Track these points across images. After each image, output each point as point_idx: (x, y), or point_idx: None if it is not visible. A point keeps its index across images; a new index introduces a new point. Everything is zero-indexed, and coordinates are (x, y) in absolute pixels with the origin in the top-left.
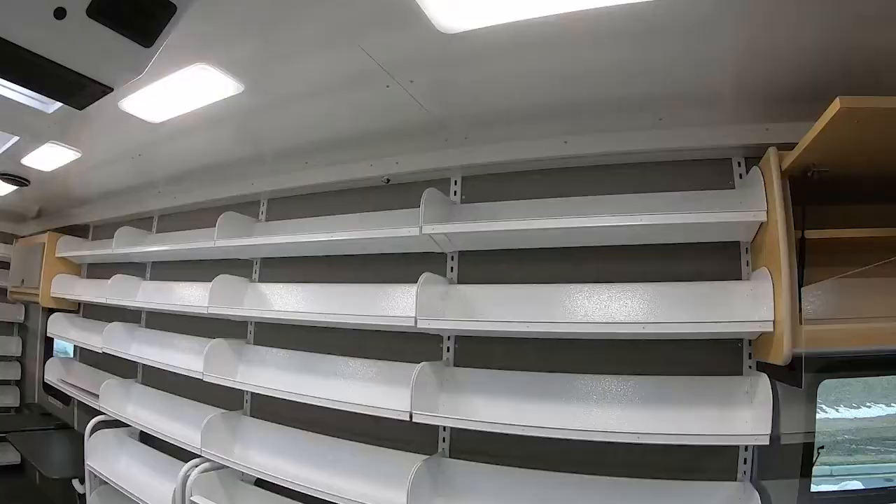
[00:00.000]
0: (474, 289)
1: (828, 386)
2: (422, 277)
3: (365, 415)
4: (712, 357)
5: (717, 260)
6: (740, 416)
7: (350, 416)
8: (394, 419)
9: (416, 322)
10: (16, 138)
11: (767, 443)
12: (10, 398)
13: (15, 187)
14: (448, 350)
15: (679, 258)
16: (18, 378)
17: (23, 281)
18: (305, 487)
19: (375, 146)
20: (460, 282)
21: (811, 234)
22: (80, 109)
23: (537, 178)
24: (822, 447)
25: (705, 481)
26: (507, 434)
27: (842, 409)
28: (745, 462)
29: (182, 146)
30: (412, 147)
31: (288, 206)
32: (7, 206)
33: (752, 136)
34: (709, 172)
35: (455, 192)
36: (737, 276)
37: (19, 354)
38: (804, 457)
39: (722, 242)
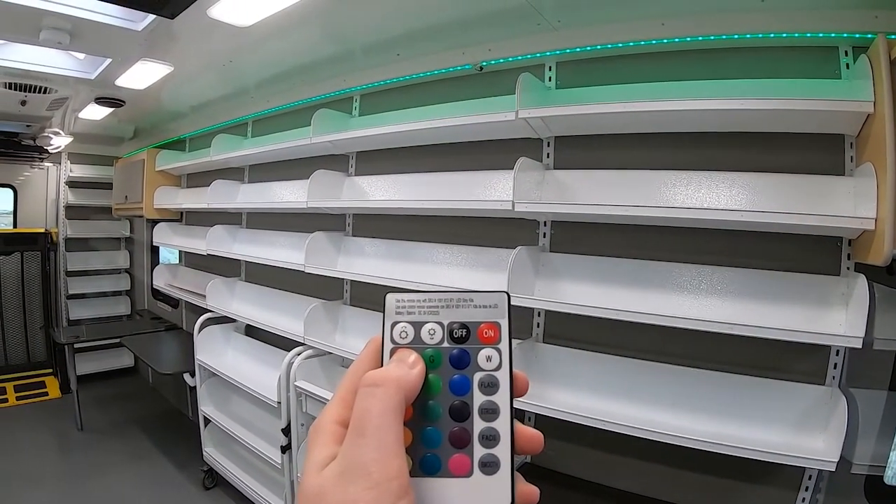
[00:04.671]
0: (570, 174)
1: None
2: (519, 161)
3: None
4: (809, 254)
5: (820, 153)
6: (835, 317)
7: None
8: None
9: (513, 206)
10: (108, 60)
11: (860, 346)
12: (122, 307)
13: (111, 109)
14: (544, 236)
15: (779, 149)
16: (129, 288)
17: (126, 197)
18: None
19: (467, 34)
20: (556, 167)
21: None
22: (171, 18)
23: (633, 63)
24: None
25: (793, 382)
26: (599, 319)
27: None
28: (834, 367)
29: (271, 49)
30: (504, 33)
31: (380, 99)
32: (104, 129)
33: (860, 22)
34: (814, 61)
35: (550, 78)
36: (840, 171)
37: (128, 266)
38: (895, 369)
39: (825, 134)
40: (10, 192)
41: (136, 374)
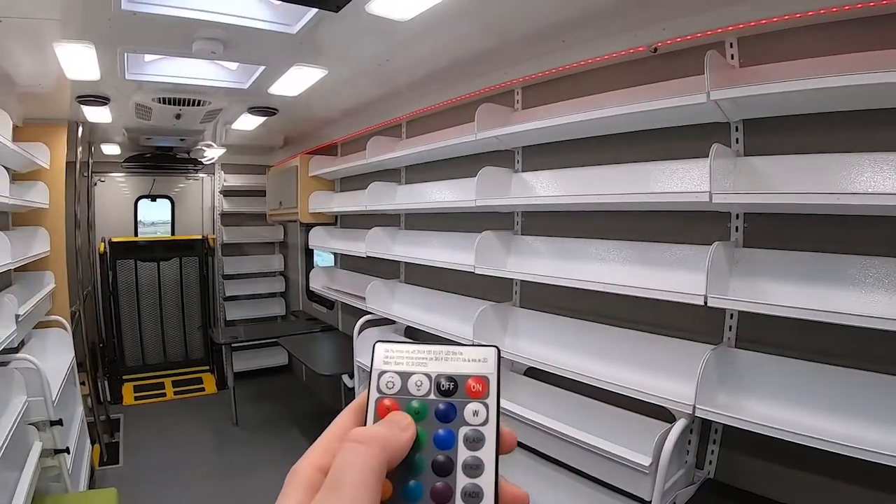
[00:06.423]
0: (765, 161)
1: None
2: (713, 148)
3: (638, 301)
4: None
5: None
6: None
7: (621, 303)
8: (674, 304)
9: (710, 197)
10: (262, 68)
11: None
12: (276, 308)
13: (263, 119)
14: (736, 230)
15: None
16: (283, 289)
17: (280, 203)
18: (581, 376)
19: (639, 13)
20: (747, 154)
21: None
22: (336, 11)
23: (828, 33)
24: None
25: None
26: (801, 321)
27: None
28: None
29: (427, 47)
30: (681, 10)
31: (544, 91)
32: (255, 140)
33: None
34: None
35: (732, 56)
36: None
37: (282, 269)
38: None
39: None
40: (167, 202)
41: (290, 373)
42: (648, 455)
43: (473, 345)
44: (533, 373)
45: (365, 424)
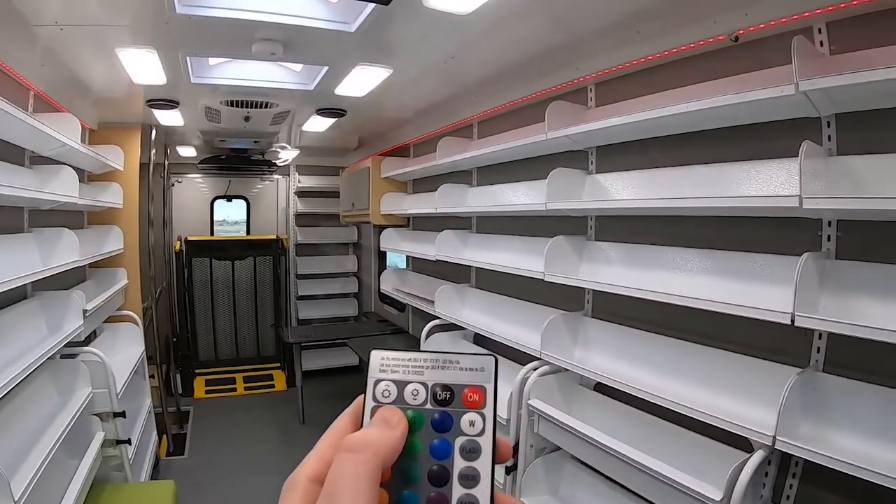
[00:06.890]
0: (863, 160)
1: None
2: (803, 146)
3: (717, 316)
4: None
5: None
6: None
7: (699, 317)
8: (756, 321)
9: (800, 202)
10: (325, 69)
11: None
12: (349, 308)
13: (333, 120)
14: (828, 239)
15: None
16: (356, 290)
17: (353, 204)
18: (653, 396)
19: None
20: (840, 153)
21: None
22: (386, 4)
23: None
24: None
25: None
26: None
27: None
28: None
29: (493, 44)
30: None
31: (619, 87)
32: (329, 141)
33: None
34: None
35: (821, 43)
36: None
37: (355, 270)
38: None
39: None
40: (243, 202)
41: (360, 373)
42: (720, 488)
43: (471, 354)
44: (602, 388)
45: None
